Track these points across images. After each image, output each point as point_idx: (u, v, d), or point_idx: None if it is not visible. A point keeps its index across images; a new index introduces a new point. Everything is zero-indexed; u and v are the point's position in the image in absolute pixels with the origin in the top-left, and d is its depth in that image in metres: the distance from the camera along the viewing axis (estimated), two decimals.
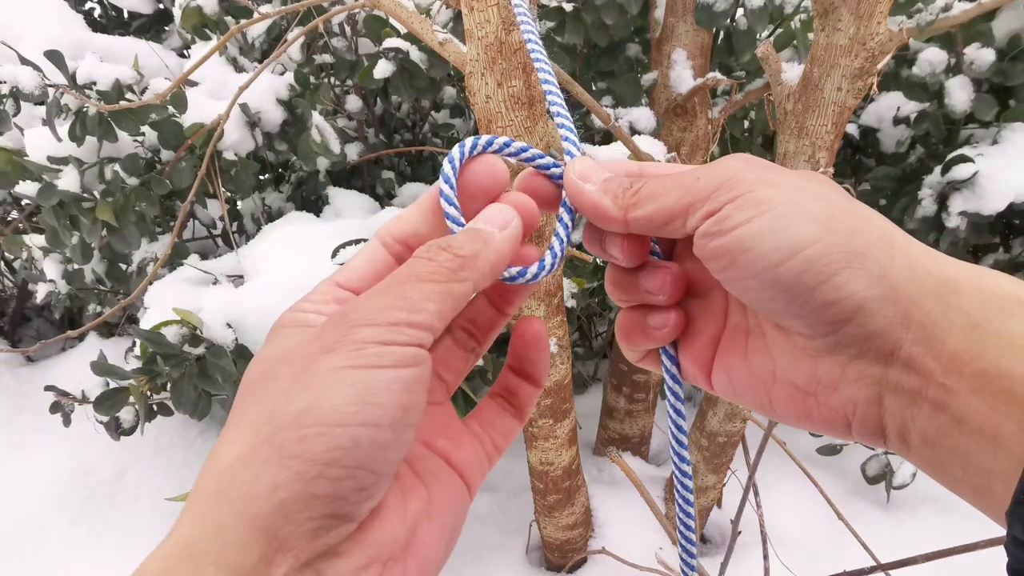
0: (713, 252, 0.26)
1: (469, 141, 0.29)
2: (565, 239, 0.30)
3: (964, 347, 0.21)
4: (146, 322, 1.06)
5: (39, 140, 1.21)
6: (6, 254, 2.02)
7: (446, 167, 0.28)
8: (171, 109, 1.23)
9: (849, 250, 0.23)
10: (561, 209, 0.30)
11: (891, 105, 1.41)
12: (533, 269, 0.29)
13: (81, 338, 1.94)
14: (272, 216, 1.49)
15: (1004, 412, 0.20)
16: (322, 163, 1.46)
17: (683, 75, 1.24)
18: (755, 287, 0.25)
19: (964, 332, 0.21)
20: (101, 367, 1.04)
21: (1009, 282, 0.22)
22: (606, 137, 1.47)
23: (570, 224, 0.30)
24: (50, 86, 1.15)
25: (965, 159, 1.23)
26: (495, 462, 0.30)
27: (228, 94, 1.22)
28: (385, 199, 1.62)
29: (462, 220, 0.28)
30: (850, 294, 0.23)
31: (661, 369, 0.31)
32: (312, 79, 1.33)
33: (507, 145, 0.29)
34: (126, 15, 1.92)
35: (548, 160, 0.30)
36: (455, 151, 0.28)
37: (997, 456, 0.20)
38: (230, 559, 0.20)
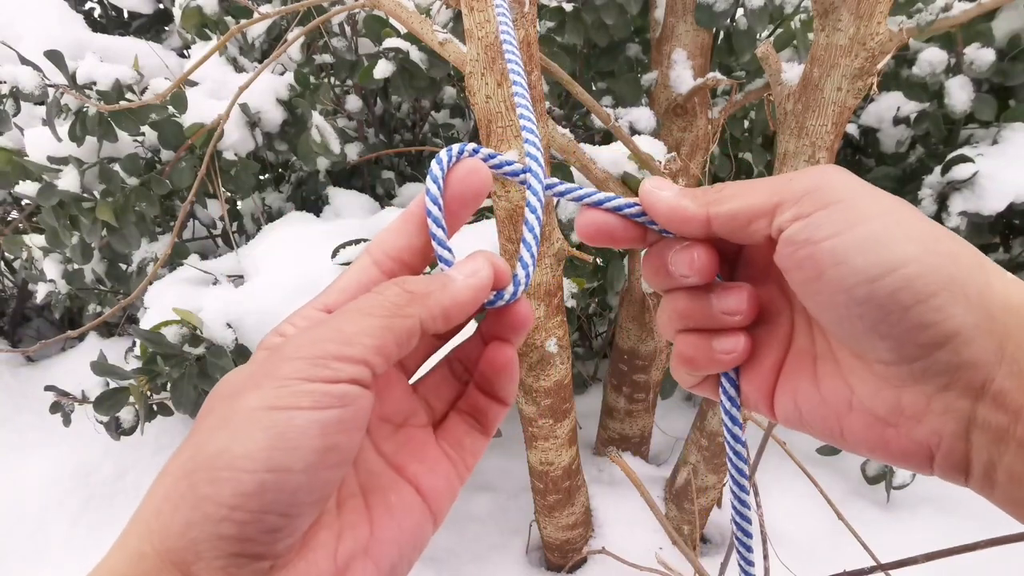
0: (799, 261, 0.24)
1: (444, 155, 0.28)
2: (535, 244, 0.29)
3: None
4: (146, 322, 1.06)
5: (39, 140, 1.21)
6: (6, 254, 2.02)
7: (431, 187, 0.28)
8: (171, 109, 1.23)
9: (949, 273, 0.22)
10: (528, 213, 0.29)
11: (891, 105, 1.41)
12: (510, 289, 0.28)
13: (81, 338, 1.94)
14: (272, 216, 1.49)
15: None
16: (322, 163, 1.47)
17: (683, 75, 1.24)
18: (843, 303, 0.23)
19: None
20: (101, 367, 1.04)
21: None
22: (606, 137, 1.47)
23: (537, 227, 0.29)
24: (50, 86, 1.15)
25: (965, 159, 1.23)
26: (464, 481, 0.30)
27: (228, 94, 1.22)
28: (385, 199, 1.62)
29: (448, 245, 0.28)
30: (947, 317, 0.21)
31: (719, 396, 0.30)
32: (312, 79, 1.33)
33: (476, 152, 0.29)
34: (126, 15, 1.92)
35: (517, 167, 0.30)
36: (434, 167, 0.28)
37: None
38: None
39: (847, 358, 0.26)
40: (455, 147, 0.28)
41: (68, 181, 1.17)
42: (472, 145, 0.29)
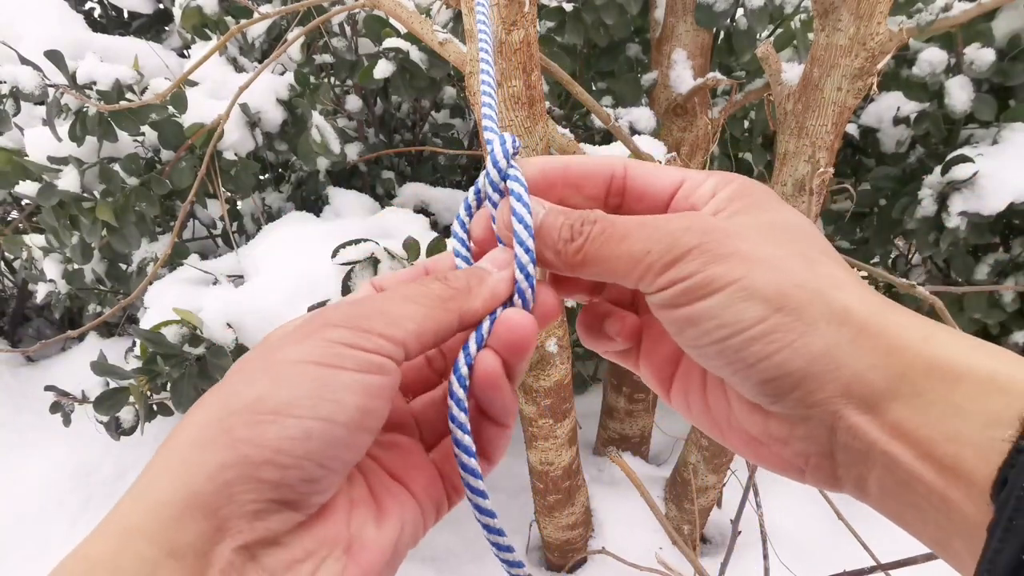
0: (663, 319, 0.26)
1: (471, 195, 0.30)
2: (531, 264, 0.28)
3: (907, 415, 0.22)
4: (146, 322, 1.06)
5: (39, 140, 1.21)
6: (6, 254, 2.02)
7: (457, 223, 0.30)
8: (171, 109, 1.23)
9: (793, 329, 0.23)
10: (516, 224, 0.28)
11: (891, 105, 1.41)
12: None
13: (81, 338, 1.94)
14: (272, 216, 1.49)
15: (951, 478, 0.20)
16: (322, 163, 1.47)
17: (683, 75, 1.24)
18: (701, 357, 0.25)
19: (908, 400, 0.22)
20: (101, 367, 1.04)
21: (956, 346, 0.22)
22: (606, 137, 1.47)
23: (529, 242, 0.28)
24: (50, 86, 1.15)
25: (965, 159, 1.23)
26: (454, 504, 0.30)
27: (228, 94, 1.22)
28: (385, 199, 1.62)
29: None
30: (788, 373, 0.23)
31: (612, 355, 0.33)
32: (312, 79, 1.33)
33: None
34: (126, 15, 1.92)
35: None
36: (462, 211, 0.30)
37: (951, 517, 0.21)
38: (166, 535, 0.20)
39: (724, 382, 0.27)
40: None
41: (68, 181, 1.17)
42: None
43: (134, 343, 1.15)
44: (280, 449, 0.21)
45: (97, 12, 1.95)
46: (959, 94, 1.26)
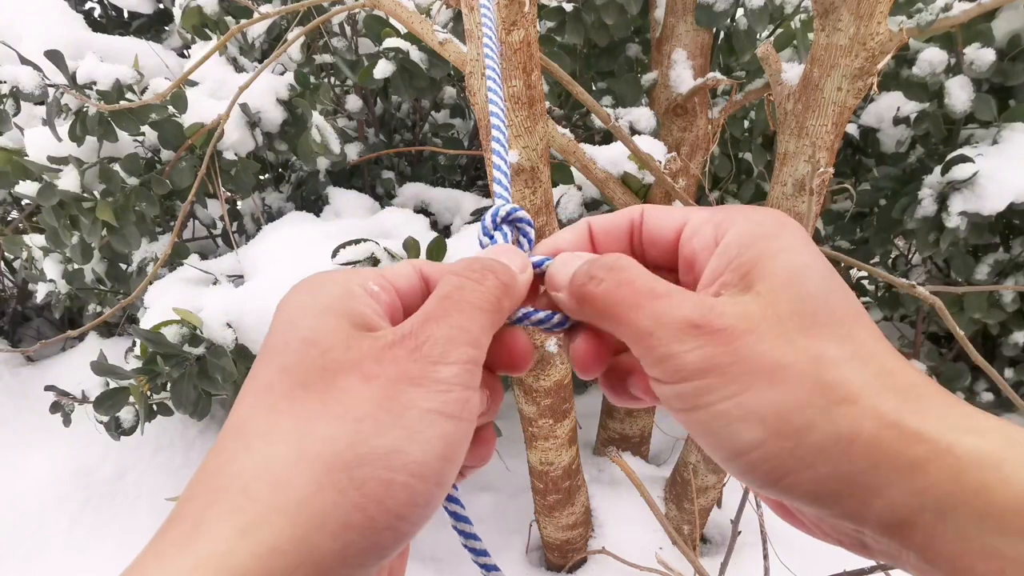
0: (662, 401, 0.24)
1: (488, 219, 0.30)
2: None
3: (932, 523, 0.20)
4: (146, 322, 1.06)
5: (39, 140, 1.21)
6: (6, 254, 2.02)
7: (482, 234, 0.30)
8: (171, 109, 1.23)
9: (794, 456, 0.21)
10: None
11: (891, 105, 1.41)
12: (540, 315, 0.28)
13: (81, 338, 1.94)
14: (272, 216, 1.49)
15: None
16: (322, 163, 1.47)
17: (683, 75, 1.24)
18: (707, 452, 0.24)
19: (934, 514, 0.20)
20: (101, 367, 1.04)
21: (978, 449, 0.20)
22: (606, 137, 1.47)
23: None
24: (50, 86, 1.15)
25: (965, 159, 1.23)
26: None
27: (228, 94, 1.22)
28: (385, 199, 1.62)
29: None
30: (803, 495, 0.21)
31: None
32: (312, 79, 1.33)
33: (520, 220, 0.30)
34: (126, 15, 1.92)
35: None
36: (482, 228, 0.30)
37: None
38: None
39: None
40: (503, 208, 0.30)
41: (68, 181, 1.17)
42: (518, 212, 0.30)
43: (134, 343, 1.15)
44: (403, 516, 0.20)
45: (97, 12, 1.95)
46: (959, 94, 1.26)
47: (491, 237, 0.30)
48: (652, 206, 0.29)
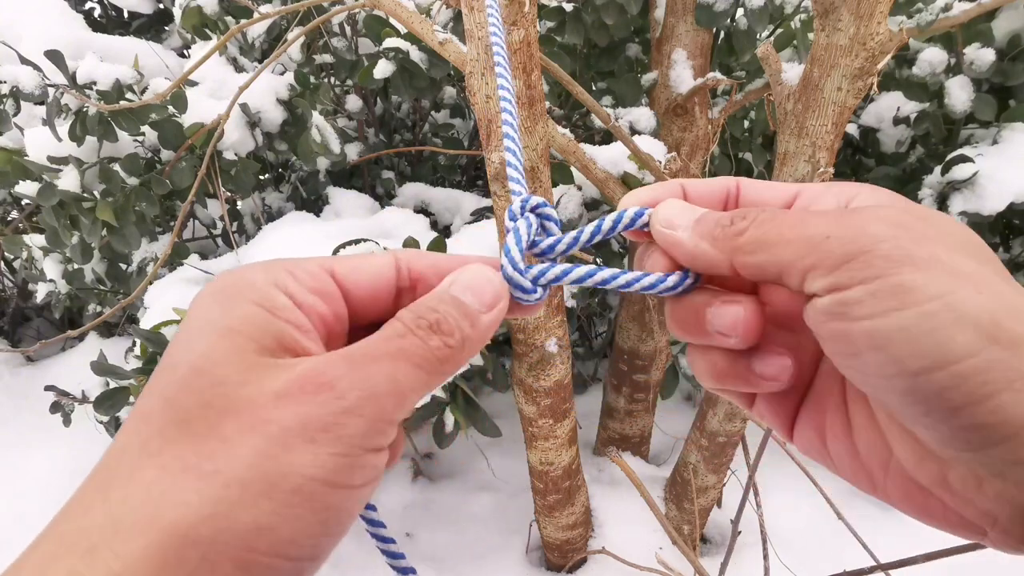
0: (832, 334, 0.21)
1: (523, 227, 0.27)
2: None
3: None
4: (146, 322, 1.06)
5: (39, 140, 1.21)
6: (6, 254, 2.02)
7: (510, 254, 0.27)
8: (171, 109, 1.23)
9: (1013, 367, 0.18)
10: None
11: (891, 105, 1.41)
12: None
13: (81, 338, 1.94)
14: (272, 216, 1.49)
15: None
16: (322, 163, 1.47)
17: (683, 75, 1.24)
18: (882, 388, 0.20)
19: None
20: (101, 367, 1.04)
21: None
22: (606, 137, 1.47)
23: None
24: (50, 86, 1.15)
25: (965, 159, 1.23)
26: None
27: (228, 94, 1.22)
28: (385, 199, 1.62)
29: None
30: (1005, 420, 0.18)
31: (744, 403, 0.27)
32: (312, 79, 1.33)
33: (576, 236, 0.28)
34: (126, 15, 1.92)
35: (628, 216, 0.27)
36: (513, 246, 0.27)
37: None
38: None
39: (886, 418, 0.22)
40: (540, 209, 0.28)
41: (68, 181, 1.17)
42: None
43: (134, 343, 1.15)
44: None
45: (97, 12, 1.95)
46: (959, 94, 1.26)
47: (515, 221, 0.27)
48: (748, 180, 0.27)
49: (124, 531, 0.17)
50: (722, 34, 1.35)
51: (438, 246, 1.07)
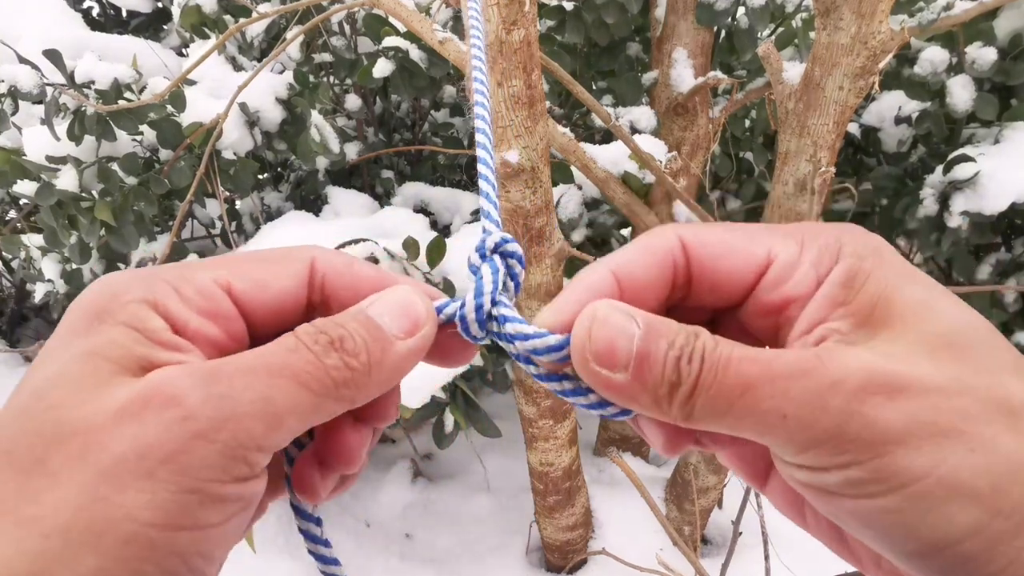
0: (812, 499, 0.19)
1: (475, 253, 0.25)
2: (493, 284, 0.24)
3: None
4: None
5: (37, 139, 1.21)
6: (4, 254, 2.02)
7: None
8: (170, 108, 1.23)
9: (1018, 539, 0.16)
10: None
11: (892, 104, 1.41)
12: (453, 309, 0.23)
13: None
14: (271, 216, 1.48)
15: None
16: (321, 162, 1.46)
17: (684, 74, 1.24)
18: (876, 549, 0.18)
19: None
20: None
21: None
22: (606, 136, 1.46)
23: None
24: (48, 85, 1.15)
25: (967, 158, 1.23)
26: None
27: (227, 93, 1.22)
28: (384, 198, 1.61)
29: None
30: None
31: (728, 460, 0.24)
32: (311, 78, 1.33)
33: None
34: (124, 14, 1.92)
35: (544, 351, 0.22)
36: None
37: None
38: None
39: None
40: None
41: (66, 180, 1.17)
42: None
43: None
44: None
45: (95, 11, 1.95)
46: (961, 93, 1.25)
47: (476, 270, 0.24)
48: (693, 235, 0.21)
49: None
50: (723, 33, 1.35)
51: (438, 246, 1.06)
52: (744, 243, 0.21)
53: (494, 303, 0.23)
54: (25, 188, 1.21)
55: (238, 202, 1.55)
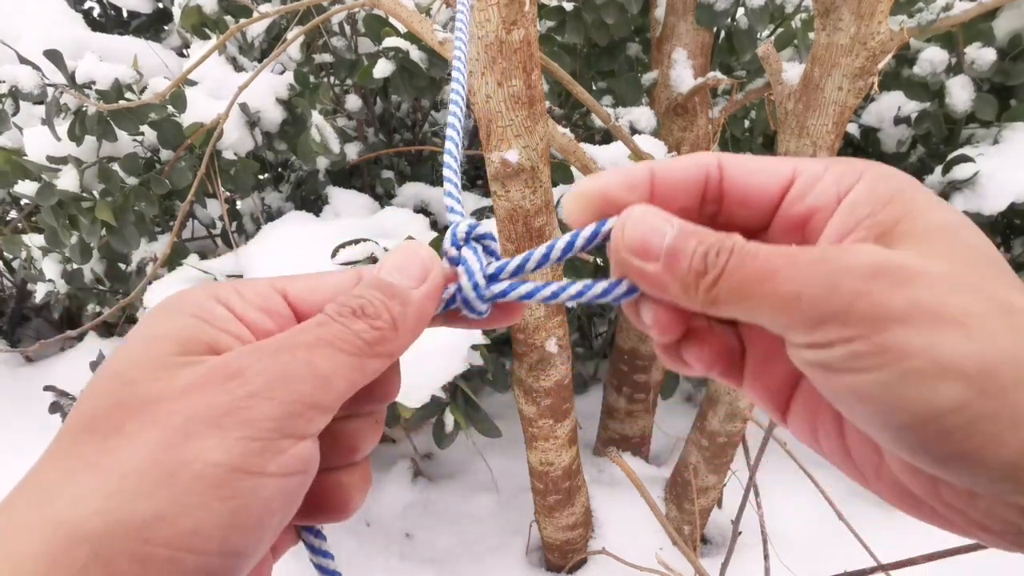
0: (815, 379, 0.20)
1: (448, 242, 0.26)
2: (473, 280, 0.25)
3: None
4: None
5: (38, 139, 1.21)
6: (5, 254, 2.02)
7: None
8: (170, 108, 1.23)
9: (999, 419, 0.17)
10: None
11: (892, 105, 1.41)
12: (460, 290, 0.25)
13: (80, 338, 1.94)
14: (272, 216, 1.49)
15: None
16: (322, 163, 1.46)
17: (683, 74, 1.24)
18: (870, 429, 0.20)
19: None
20: None
21: None
22: (606, 137, 1.47)
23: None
24: (49, 85, 1.15)
25: (966, 159, 1.23)
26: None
27: (228, 93, 1.22)
28: (385, 199, 1.62)
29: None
30: (990, 468, 0.18)
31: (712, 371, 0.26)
32: (312, 78, 1.33)
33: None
34: (125, 14, 1.92)
35: (584, 236, 0.25)
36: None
37: None
38: None
39: None
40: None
41: (67, 181, 1.17)
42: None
43: None
44: None
45: (96, 11, 1.95)
46: (960, 94, 1.26)
47: (457, 260, 0.26)
48: (730, 156, 0.24)
49: (15, 533, 0.17)
50: (723, 33, 1.35)
51: (438, 246, 1.07)
52: (773, 162, 0.24)
53: (488, 278, 0.25)
54: (26, 188, 1.21)
55: (239, 202, 1.56)
